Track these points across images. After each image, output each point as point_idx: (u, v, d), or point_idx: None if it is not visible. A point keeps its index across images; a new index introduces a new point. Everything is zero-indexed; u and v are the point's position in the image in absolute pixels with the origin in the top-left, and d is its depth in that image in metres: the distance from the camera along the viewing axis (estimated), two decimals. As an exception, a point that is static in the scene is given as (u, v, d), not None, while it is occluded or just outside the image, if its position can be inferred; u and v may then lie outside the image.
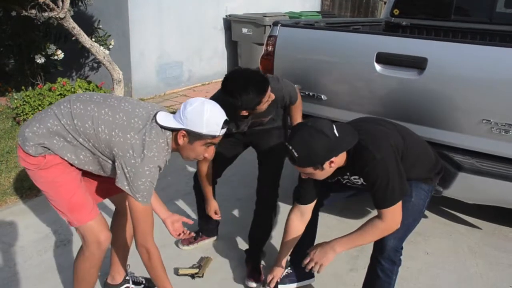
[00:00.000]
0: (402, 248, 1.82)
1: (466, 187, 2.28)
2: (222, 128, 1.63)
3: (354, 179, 1.80)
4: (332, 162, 1.62)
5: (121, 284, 2.17)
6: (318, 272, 1.75)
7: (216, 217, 2.40)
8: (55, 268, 2.33)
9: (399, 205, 1.66)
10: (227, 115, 1.97)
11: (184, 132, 1.62)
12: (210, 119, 1.59)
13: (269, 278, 2.06)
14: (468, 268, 2.47)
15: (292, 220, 1.99)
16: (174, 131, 1.64)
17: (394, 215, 1.66)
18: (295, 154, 1.58)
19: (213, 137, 1.63)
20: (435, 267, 2.47)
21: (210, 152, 1.70)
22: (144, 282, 2.21)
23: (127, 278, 2.20)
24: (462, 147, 2.29)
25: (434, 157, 1.93)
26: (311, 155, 1.58)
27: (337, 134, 1.59)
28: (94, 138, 1.62)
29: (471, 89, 2.18)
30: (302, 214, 1.98)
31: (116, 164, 1.61)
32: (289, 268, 2.26)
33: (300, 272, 2.25)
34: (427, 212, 3.02)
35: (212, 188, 2.47)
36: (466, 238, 2.76)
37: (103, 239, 1.76)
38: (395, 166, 1.65)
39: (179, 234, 2.04)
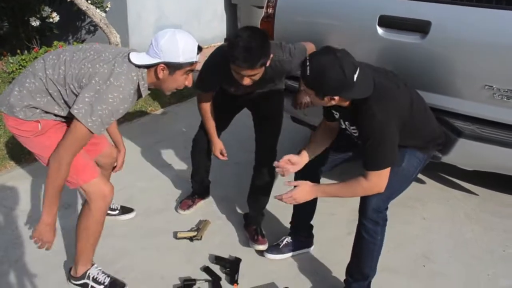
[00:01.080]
0: (386, 209, 1.83)
1: (465, 153, 2.27)
2: (198, 53, 1.67)
3: (353, 130, 1.79)
4: (333, 99, 1.61)
5: None
6: (285, 202, 1.80)
7: (222, 157, 2.37)
8: (57, 231, 2.34)
9: (387, 170, 1.67)
10: (225, 74, 1.92)
11: (163, 65, 1.64)
12: (185, 47, 1.62)
13: (288, 156, 1.92)
14: (463, 234, 2.51)
15: (320, 127, 2.01)
16: (152, 66, 1.66)
17: (380, 178, 1.67)
18: (308, 71, 1.56)
19: (191, 63, 1.67)
20: (431, 232, 2.51)
21: (189, 80, 1.74)
22: (119, 209, 2.49)
23: None
24: (463, 113, 2.27)
25: (438, 131, 1.91)
26: (320, 81, 1.56)
27: (354, 79, 1.55)
28: (65, 80, 1.63)
29: (475, 54, 2.13)
30: (329, 127, 1.98)
31: (79, 94, 1.61)
32: (289, 237, 2.28)
33: (299, 241, 2.28)
34: (424, 178, 3.04)
35: (210, 153, 2.47)
36: (463, 204, 2.78)
37: (108, 192, 1.82)
38: (391, 133, 1.63)
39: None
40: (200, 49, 1.68)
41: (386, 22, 2.33)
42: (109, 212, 2.43)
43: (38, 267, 2.11)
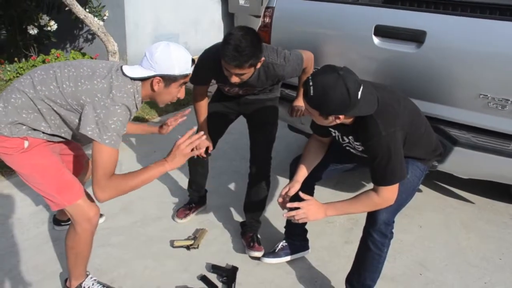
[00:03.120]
0: (393, 222, 1.84)
1: (461, 161, 2.28)
2: (191, 65, 1.68)
3: (357, 145, 1.79)
4: (338, 118, 1.60)
5: (68, 220, 2.28)
6: (296, 220, 1.70)
7: (201, 153, 2.30)
8: (52, 240, 2.35)
9: (396, 184, 1.67)
10: (217, 69, 1.97)
11: (159, 78, 1.64)
12: (179, 59, 1.63)
13: (285, 190, 1.88)
14: (459, 242, 2.52)
15: (311, 142, 1.99)
16: (146, 79, 1.66)
17: (391, 192, 1.67)
18: (311, 92, 1.55)
19: (186, 76, 1.68)
20: (427, 240, 2.51)
21: (182, 92, 1.76)
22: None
23: None
24: (459, 121, 2.29)
25: (435, 142, 1.92)
26: (324, 102, 1.54)
27: (359, 97, 1.55)
28: (61, 97, 1.60)
29: (469, 64, 2.16)
30: (321, 141, 1.98)
31: (83, 112, 1.58)
32: (284, 241, 2.28)
33: (295, 245, 2.28)
34: (421, 186, 3.05)
35: (207, 162, 2.48)
36: (459, 212, 2.79)
37: (93, 214, 1.77)
38: (398, 148, 1.63)
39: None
40: (193, 61, 1.70)
41: (382, 31, 2.35)
42: None
43: (33, 276, 2.10)
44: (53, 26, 4.74)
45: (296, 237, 2.27)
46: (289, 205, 1.72)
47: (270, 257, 2.24)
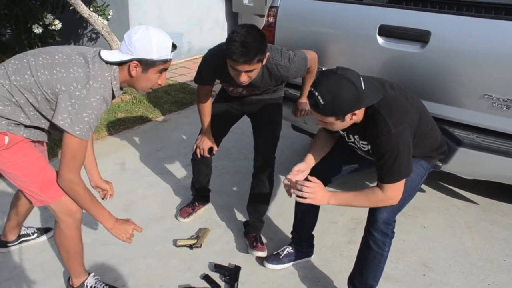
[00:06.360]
0: (394, 221, 1.83)
1: (466, 162, 2.27)
2: (172, 51, 1.62)
3: (362, 144, 1.79)
4: (354, 114, 1.59)
5: (15, 240, 2.24)
6: (294, 195, 1.75)
7: (204, 154, 2.34)
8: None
9: (402, 182, 1.66)
10: (222, 70, 1.96)
11: (136, 62, 1.59)
12: (159, 43, 1.57)
13: (296, 168, 1.88)
14: (464, 242, 2.51)
15: (320, 134, 1.98)
16: (124, 63, 1.60)
17: (396, 190, 1.67)
18: (321, 101, 1.52)
19: (165, 61, 1.62)
20: (431, 241, 2.50)
21: (163, 79, 1.69)
22: (36, 232, 2.32)
23: (20, 234, 2.26)
24: (463, 122, 2.28)
25: (440, 139, 1.91)
26: (337, 104, 1.52)
27: (363, 87, 1.54)
28: (35, 86, 1.56)
29: (474, 64, 2.15)
30: (330, 133, 1.96)
31: (57, 100, 1.54)
32: (290, 247, 2.27)
33: (301, 252, 2.27)
34: (425, 187, 3.04)
35: (211, 161, 2.48)
36: (463, 213, 2.78)
37: (75, 209, 1.75)
38: (406, 145, 1.62)
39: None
40: (174, 47, 1.63)
41: (386, 31, 2.34)
42: (26, 238, 2.28)
43: (37, 273, 2.11)
44: (58, 25, 4.77)
45: (303, 243, 2.26)
46: (300, 182, 1.73)
47: (274, 263, 2.22)
